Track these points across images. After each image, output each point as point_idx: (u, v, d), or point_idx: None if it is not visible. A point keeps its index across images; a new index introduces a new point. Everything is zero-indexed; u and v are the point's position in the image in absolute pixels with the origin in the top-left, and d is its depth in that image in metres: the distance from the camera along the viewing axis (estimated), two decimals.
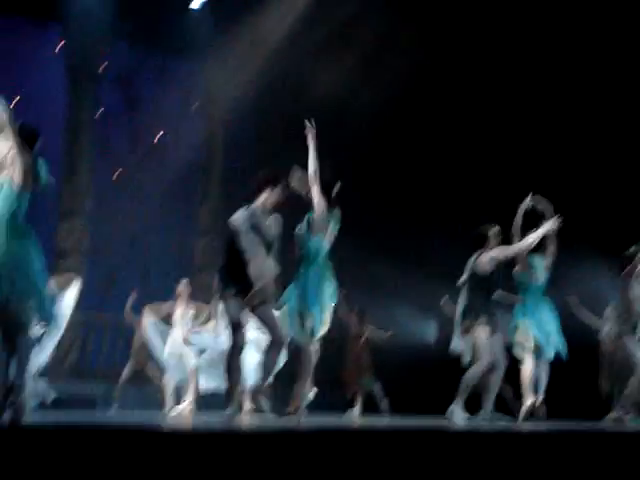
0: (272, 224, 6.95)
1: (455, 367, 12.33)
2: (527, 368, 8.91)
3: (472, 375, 7.92)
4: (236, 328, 6.77)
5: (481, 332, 8.05)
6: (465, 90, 13.55)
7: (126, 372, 10.81)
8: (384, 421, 9.38)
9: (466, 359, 8.29)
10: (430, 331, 14.31)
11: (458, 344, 8.31)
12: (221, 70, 14.49)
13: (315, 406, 8.56)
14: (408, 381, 12.59)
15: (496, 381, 8.21)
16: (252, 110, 14.24)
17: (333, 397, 11.21)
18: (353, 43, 13.62)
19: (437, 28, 13.57)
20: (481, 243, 8.22)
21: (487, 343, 8.04)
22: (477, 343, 8.16)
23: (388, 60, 13.33)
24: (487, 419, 8.12)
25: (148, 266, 14.13)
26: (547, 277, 9.15)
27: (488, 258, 8.08)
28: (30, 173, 5.36)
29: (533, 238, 8.40)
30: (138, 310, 10.59)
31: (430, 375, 13.04)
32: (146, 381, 11.01)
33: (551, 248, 8.99)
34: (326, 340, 7.81)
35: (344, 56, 13.59)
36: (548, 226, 8.45)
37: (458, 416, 7.80)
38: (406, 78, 13.12)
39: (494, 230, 8.36)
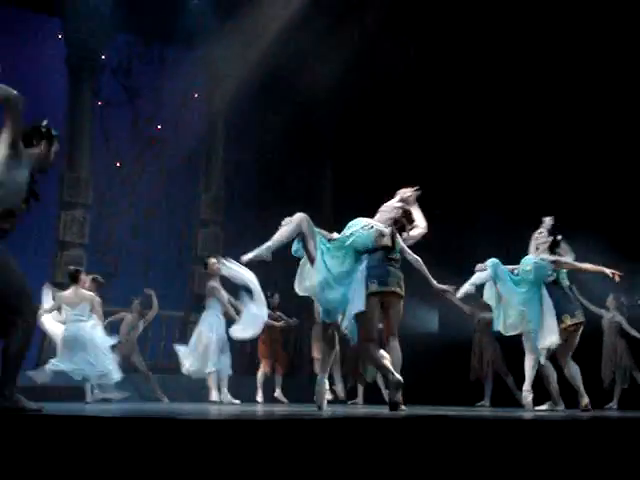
0: None
1: (459, 355, 12.38)
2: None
3: None
4: None
5: None
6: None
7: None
8: (385, 411, 9.34)
9: None
10: (433, 320, 14.31)
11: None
12: (221, 59, 14.47)
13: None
14: (412, 371, 12.56)
15: None
16: (253, 99, 14.22)
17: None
18: (353, 30, 13.58)
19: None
20: None
21: None
22: None
23: (388, 47, 13.31)
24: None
25: (150, 256, 14.12)
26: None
27: None
28: None
29: None
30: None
31: (435, 364, 13.03)
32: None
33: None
34: None
35: (345, 43, 13.55)
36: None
37: None
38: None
39: None
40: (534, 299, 8.61)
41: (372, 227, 6.95)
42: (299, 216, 6.75)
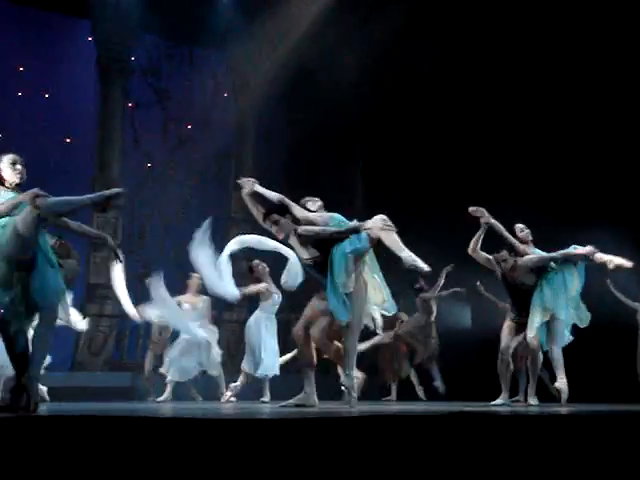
0: None
1: (492, 350, 12.33)
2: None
3: None
4: None
5: None
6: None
7: (147, 361, 10.93)
8: (420, 407, 9.34)
9: None
10: (466, 316, 14.26)
11: None
12: (249, 58, 14.51)
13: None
14: (446, 367, 12.55)
15: None
16: (282, 98, 14.24)
17: (368, 384, 11.18)
18: (381, 26, 13.52)
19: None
20: None
21: None
22: None
23: (416, 43, 13.26)
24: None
25: (183, 256, 14.14)
26: None
27: None
28: None
29: None
30: None
31: (468, 360, 12.99)
32: None
33: None
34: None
35: (373, 40, 13.52)
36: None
37: None
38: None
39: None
40: None
41: None
42: None
